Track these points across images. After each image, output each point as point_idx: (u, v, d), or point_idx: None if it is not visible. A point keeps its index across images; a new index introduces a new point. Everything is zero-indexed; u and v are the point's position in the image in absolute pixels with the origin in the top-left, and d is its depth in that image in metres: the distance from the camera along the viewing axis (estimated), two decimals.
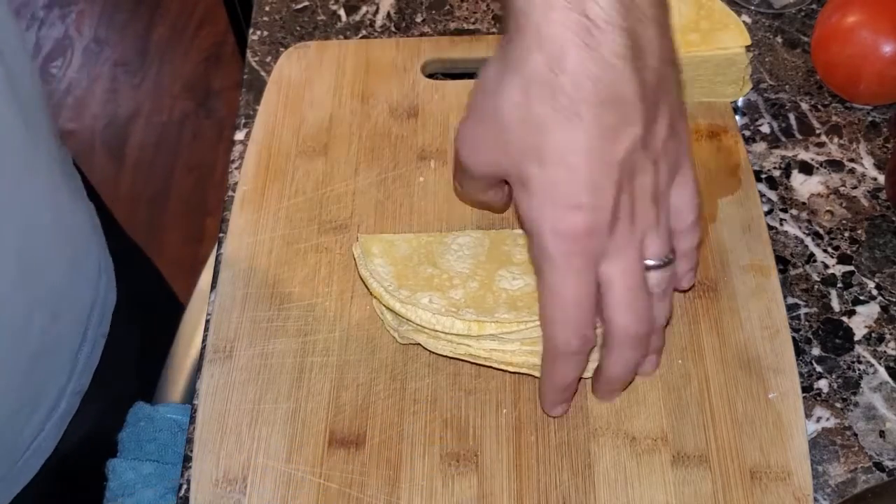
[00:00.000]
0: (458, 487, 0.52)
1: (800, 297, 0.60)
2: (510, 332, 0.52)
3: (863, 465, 0.54)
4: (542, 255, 0.45)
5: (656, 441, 0.53)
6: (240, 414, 0.55)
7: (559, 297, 0.46)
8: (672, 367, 0.56)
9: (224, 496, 0.52)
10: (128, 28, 2.19)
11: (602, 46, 0.42)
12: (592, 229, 0.44)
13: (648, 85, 0.44)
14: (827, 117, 0.69)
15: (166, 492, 0.62)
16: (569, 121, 0.43)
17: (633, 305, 0.47)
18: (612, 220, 0.45)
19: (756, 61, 0.72)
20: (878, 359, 0.58)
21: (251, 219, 0.63)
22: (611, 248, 0.46)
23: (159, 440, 0.64)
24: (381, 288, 0.54)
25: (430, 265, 0.56)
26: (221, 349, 0.58)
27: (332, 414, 0.55)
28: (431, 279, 0.55)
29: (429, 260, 0.56)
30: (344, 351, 0.57)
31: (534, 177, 0.45)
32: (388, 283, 0.54)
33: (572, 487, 0.52)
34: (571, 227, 0.44)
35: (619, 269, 0.46)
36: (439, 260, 0.56)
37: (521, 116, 0.44)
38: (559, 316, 0.47)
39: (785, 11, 0.76)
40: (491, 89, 0.46)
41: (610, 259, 0.46)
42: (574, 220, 0.44)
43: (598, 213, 0.44)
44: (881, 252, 0.62)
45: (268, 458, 0.53)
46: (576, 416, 0.54)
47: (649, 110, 0.45)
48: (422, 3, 0.78)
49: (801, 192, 0.65)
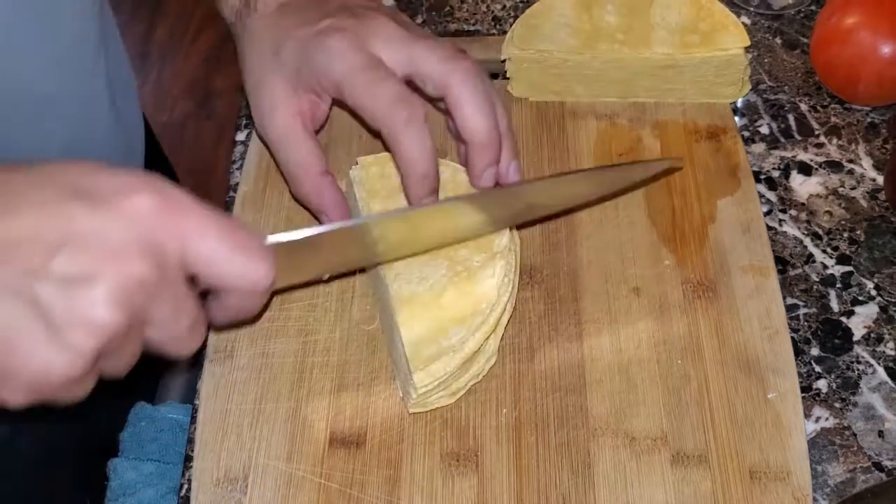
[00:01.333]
0: (458, 487, 0.52)
1: (799, 298, 0.60)
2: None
3: (862, 464, 0.54)
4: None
5: (656, 441, 0.53)
6: (240, 414, 0.55)
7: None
8: (672, 368, 0.56)
9: (225, 496, 0.52)
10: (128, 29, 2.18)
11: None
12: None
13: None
14: (826, 118, 0.69)
15: (167, 491, 0.62)
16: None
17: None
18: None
19: (755, 62, 0.72)
20: (877, 359, 0.58)
21: (252, 219, 0.63)
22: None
23: (160, 440, 0.64)
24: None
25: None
26: (222, 349, 0.58)
27: (332, 414, 0.55)
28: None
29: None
30: (344, 351, 0.57)
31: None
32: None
33: (572, 487, 0.52)
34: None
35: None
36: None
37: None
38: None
39: (784, 12, 0.76)
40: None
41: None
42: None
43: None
44: (880, 252, 0.62)
45: (268, 457, 0.54)
46: (576, 417, 0.54)
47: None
48: (422, 4, 0.78)
49: (800, 193, 0.65)
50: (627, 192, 0.63)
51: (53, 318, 0.37)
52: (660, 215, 0.63)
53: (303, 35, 0.56)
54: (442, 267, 0.55)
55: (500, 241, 0.56)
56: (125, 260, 0.38)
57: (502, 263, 0.55)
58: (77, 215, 0.38)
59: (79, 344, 0.38)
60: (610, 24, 0.67)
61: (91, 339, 0.38)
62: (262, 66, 0.58)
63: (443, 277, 0.55)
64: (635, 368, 0.56)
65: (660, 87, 0.68)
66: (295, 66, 0.56)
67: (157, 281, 0.40)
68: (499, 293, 0.54)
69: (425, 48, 0.54)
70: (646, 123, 0.68)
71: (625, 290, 0.59)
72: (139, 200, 0.40)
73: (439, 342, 0.53)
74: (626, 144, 0.66)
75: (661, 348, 0.57)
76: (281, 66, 0.57)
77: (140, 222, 0.39)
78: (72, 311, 0.37)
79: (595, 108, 0.69)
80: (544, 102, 0.69)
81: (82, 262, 0.38)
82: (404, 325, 0.53)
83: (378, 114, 0.53)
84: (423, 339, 0.53)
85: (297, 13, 0.58)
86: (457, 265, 0.55)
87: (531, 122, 0.68)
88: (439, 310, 0.54)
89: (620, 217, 0.63)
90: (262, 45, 0.58)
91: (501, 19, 0.77)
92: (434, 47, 0.54)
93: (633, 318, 0.58)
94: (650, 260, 0.61)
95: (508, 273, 0.55)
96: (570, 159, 0.66)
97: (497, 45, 0.70)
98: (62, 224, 0.38)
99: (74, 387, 0.40)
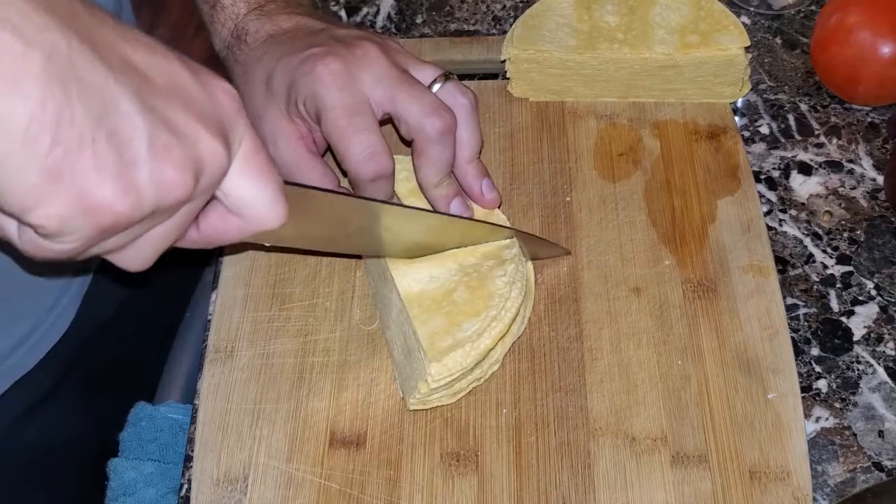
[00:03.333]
0: (458, 487, 0.52)
1: (799, 298, 0.60)
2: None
3: (862, 464, 0.54)
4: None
5: (656, 441, 0.53)
6: (241, 414, 0.55)
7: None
8: (672, 368, 0.56)
9: (225, 496, 0.52)
10: None
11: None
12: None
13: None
14: (826, 118, 0.69)
15: (167, 491, 0.62)
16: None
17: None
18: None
19: (755, 62, 0.72)
20: (877, 359, 0.58)
21: None
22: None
23: (160, 440, 0.64)
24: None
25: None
26: (222, 349, 0.58)
27: (332, 414, 0.55)
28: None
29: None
30: (344, 351, 0.57)
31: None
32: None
33: (572, 487, 0.52)
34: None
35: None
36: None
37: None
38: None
39: (784, 12, 0.76)
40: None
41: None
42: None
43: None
44: (880, 252, 0.62)
45: (269, 457, 0.54)
46: (576, 417, 0.54)
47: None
48: (422, 4, 0.78)
49: (800, 193, 0.65)
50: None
51: (139, 150, 0.36)
52: (660, 215, 0.63)
53: (292, 62, 0.56)
54: (452, 270, 0.55)
55: (510, 251, 0.56)
56: (212, 134, 0.39)
57: (513, 267, 0.55)
58: (182, 76, 0.39)
59: (145, 186, 0.36)
60: (610, 24, 0.67)
61: (158, 192, 0.37)
62: (256, 98, 0.58)
63: (453, 278, 0.55)
64: (635, 368, 0.56)
65: (660, 87, 0.68)
66: (285, 92, 0.57)
67: (222, 162, 0.39)
68: (511, 291, 0.54)
69: (409, 95, 0.55)
70: (646, 123, 0.68)
71: (625, 290, 0.59)
72: (226, 96, 0.41)
73: (454, 334, 0.53)
74: (626, 144, 0.66)
75: (661, 348, 0.57)
76: (273, 95, 0.57)
77: (225, 113, 0.40)
78: (157, 157, 0.36)
79: (595, 108, 0.69)
80: (544, 102, 0.69)
81: (178, 115, 0.38)
82: (416, 319, 0.53)
83: (348, 163, 0.55)
84: (438, 331, 0.53)
85: (287, 43, 0.58)
86: (467, 268, 0.55)
87: (531, 122, 0.68)
88: (451, 305, 0.54)
89: (620, 217, 0.63)
90: (255, 76, 0.59)
91: (501, 19, 0.77)
92: (418, 97, 0.55)
93: (633, 319, 0.58)
94: (650, 260, 0.61)
95: (521, 279, 0.55)
96: (571, 159, 0.66)
97: (497, 45, 0.70)
98: (170, 74, 0.38)
99: (115, 229, 0.37)
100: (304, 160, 0.57)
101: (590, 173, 0.65)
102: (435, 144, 0.55)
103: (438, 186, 0.57)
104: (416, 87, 0.56)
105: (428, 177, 0.57)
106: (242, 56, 0.60)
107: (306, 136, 0.58)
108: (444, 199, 0.58)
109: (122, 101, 0.36)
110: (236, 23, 0.61)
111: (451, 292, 0.54)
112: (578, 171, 0.65)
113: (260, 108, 0.58)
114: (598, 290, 0.59)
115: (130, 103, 0.36)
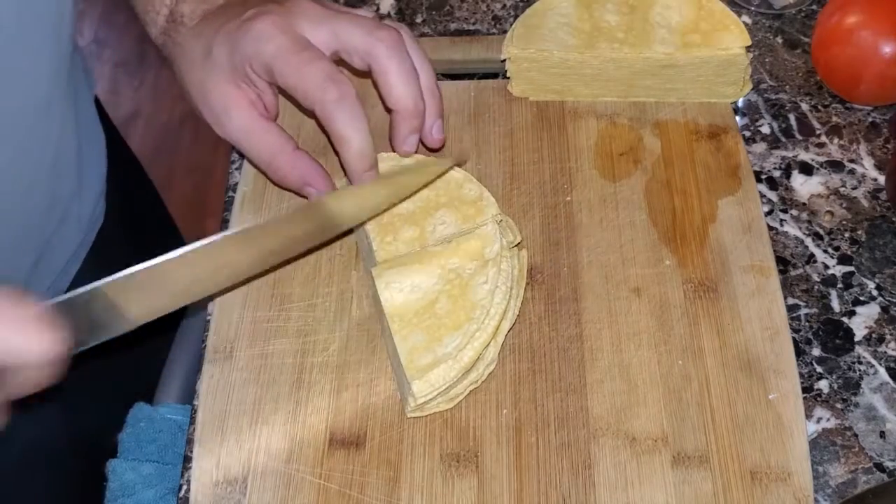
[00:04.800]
0: (459, 488, 0.52)
1: (800, 298, 0.60)
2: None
3: (863, 465, 0.54)
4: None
5: (656, 442, 0.53)
6: (240, 414, 0.55)
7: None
8: (672, 368, 0.56)
9: (224, 497, 0.52)
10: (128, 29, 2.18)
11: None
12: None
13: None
14: (827, 118, 0.69)
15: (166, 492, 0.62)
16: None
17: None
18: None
19: (756, 62, 0.72)
20: (879, 359, 0.57)
21: (252, 220, 0.63)
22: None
23: (159, 441, 0.64)
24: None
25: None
26: (221, 349, 0.58)
27: (332, 414, 0.55)
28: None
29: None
30: (344, 351, 0.57)
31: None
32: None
33: (572, 488, 0.52)
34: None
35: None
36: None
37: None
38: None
39: (785, 12, 0.76)
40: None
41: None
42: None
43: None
44: (881, 252, 0.62)
45: (268, 458, 0.53)
46: (576, 417, 0.54)
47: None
48: (422, 3, 0.78)
49: (801, 193, 0.65)
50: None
51: None
52: (660, 215, 0.62)
53: (229, 28, 0.57)
54: (434, 276, 0.55)
55: (492, 248, 0.56)
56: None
57: (495, 270, 0.55)
58: None
59: None
60: (610, 23, 0.67)
61: None
62: (199, 73, 0.58)
63: (434, 286, 0.55)
64: (636, 369, 0.56)
65: (660, 87, 0.68)
66: (228, 60, 0.57)
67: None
68: (493, 299, 0.54)
69: (349, 23, 0.56)
70: (646, 123, 0.67)
71: (625, 291, 0.59)
72: None
73: (434, 351, 0.53)
74: (626, 144, 0.66)
75: (662, 349, 0.57)
76: (215, 66, 0.57)
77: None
78: None
79: (595, 107, 0.69)
80: (544, 102, 0.69)
81: None
82: (397, 334, 0.53)
83: (309, 94, 0.54)
84: (418, 347, 0.53)
85: (223, 16, 0.59)
86: (449, 273, 0.55)
87: (531, 122, 0.68)
88: (432, 318, 0.54)
89: (621, 217, 0.62)
90: (195, 52, 0.59)
91: (501, 19, 0.77)
92: (358, 21, 0.56)
93: (633, 319, 0.58)
94: (651, 260, 0.60)
95: (506, 281, 0.55)
96: (571, 159, 0.66)
97: (497, 44, 0.70)
98: None
99: None
100: (259, 124, 0.57)
101: (590, 173, 0.65)
102: (393, 57, 0.55)
103: (415, 98, 0.56)
104: (354, 16, 0.57)
105: (403, 95, 0.56)
106: (180, 37, 0.61)
107: (256, 102, 0.58)
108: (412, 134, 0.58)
109: None
110: (171, 8, 0.62)
111: (432, 304, 0.54)
112: (579, 171, 0.65)
113: (205, 82, 0.58)
114: (598, 290, 0.59)
115: None
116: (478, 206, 0.58)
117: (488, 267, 0.55)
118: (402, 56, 0.56)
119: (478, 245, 0.57)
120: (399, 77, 0.55)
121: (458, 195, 0.59)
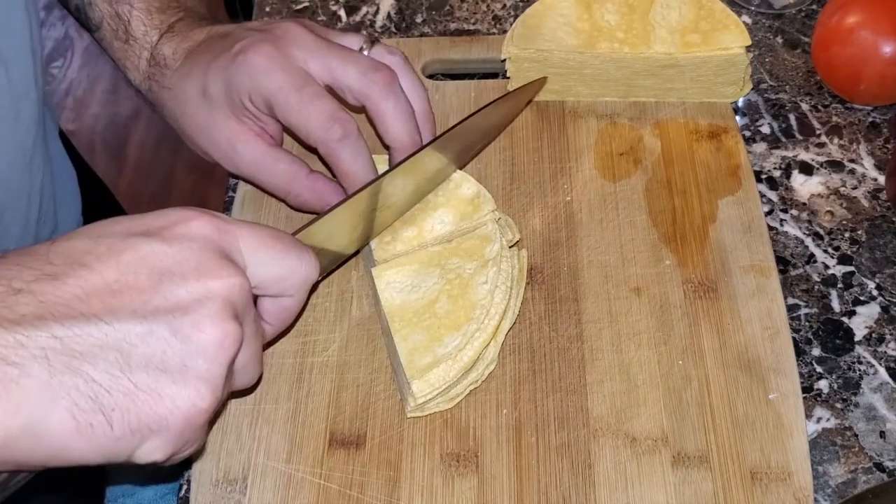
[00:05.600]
0: (459, 488, 0.52)
1: (800, 298, 0.60)
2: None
3: (863, 465, 0.54)
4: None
5: (657, 442, 0.53)
6: (240, 414, 0.55)
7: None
8: (672, 368, 0.56)
9: (224, 496, 0.52)
10: None
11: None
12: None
13: None
14: (827, 118, 0.69)
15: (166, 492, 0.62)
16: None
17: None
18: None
19: (756, 62, 0.72)
20: (879, 359, 0.57)
21: (252, 218, 0.63)
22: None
23: None
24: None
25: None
26: None
27: (332, 414, 0.55)
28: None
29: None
30: (344, 351, 0.57)
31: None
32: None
33: (572, 488, 0.52)
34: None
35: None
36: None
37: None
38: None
39: (785, 12, 0.76)
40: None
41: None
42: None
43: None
44: (881, 252, 0.62)
45: (268, 458, 0.53)
46: (576, 417, 0.54)
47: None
48: (422, 3, 0.78)
49: (801, 193, 0.65)
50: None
51: (173, 357, 0.38)
52: (660, 215, 0.62)
53: (221, 63, 0.56)
54: (433, 276, 0.55)
55: (492, 247, 0.56)
56: (211, 276, 0.39)
57: (494, 270, 0.55)
58: (150, 252, 0.39)
59: (206, 371, 0.38)
60: (610, 23, 0.67)
61: (216, 363, 0.39)
62: (198, 114, 0.58)
63: (434, 286, 0.55)
64: (636, 369, 0.56)
65: (660, 87, 0.68)
66: (225, 95, 0.56)
67: (241, 284, 0.40)
68: (493, 299, 0.54)
69: (343, 60, 0.55)
70: (646, 123, 0.67)
71: (625, 291, 0.59)
72: (196, 225, 0.41)
73: (434, 351, 0.53)
74: (626, 144, 0.66)
75: (662, 349, 0.57)
76: (213, 103, 0.57)
77: (206, 242, 0.40)
78: (188, 343, 0.38)
79: (595, 107, 0.69)
80: (544, 102, 0.69)
81: (178, 293, 0.38)
82: (397, 334, 0.53)
83: (312, 133, 0.54)
84: (418, 347, 0.53)
85: (208, 51, 0.58)
86: (448, 273, 0.55)
87: (531, 122, 0.68)
88: (432, 318, 0.54)
89: (621, 217, 0.62)
90: (188, 93, 0.58)
91: (501, 19, 0.77)
92: (352, 59, 0.55)
93: (633, 319, 0.58)
94: (651, 260, 0.60)
95: (505, 281, 0.55)
96: (571, 159, 0.66)
97: (497, 44, 0.70)
98: (141, 264, 0.38)
99: (211, 416, 0.40)
100: (269, 155, 0.57)
101: (590, 173, 0.65)
102: (389, 99, 0.55)
103: (411, 135, 0.57)
104: (347, 52, 0.56)
105: (400, 134, 0.56)
106: (167, 80, 0.60)
107: (261, 133, 0.58)
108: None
109: (129, 333, 0.37)
110: (151, 51, 0.61)
111: (432, 303, 0.54)
112: (579, 171, 0.65)
113: (205, 122, 0.58)
114: (598, 290, 0.59)
115: (136, 325, 0.37)
116: (475, 203, 0.59)
117: (488, 267, 0.55)
118: (397, 96, 0.56)
119: (478, 245, 0.57)
120: (395, 118, 0.56)
121: (457, 195, 0.59)
